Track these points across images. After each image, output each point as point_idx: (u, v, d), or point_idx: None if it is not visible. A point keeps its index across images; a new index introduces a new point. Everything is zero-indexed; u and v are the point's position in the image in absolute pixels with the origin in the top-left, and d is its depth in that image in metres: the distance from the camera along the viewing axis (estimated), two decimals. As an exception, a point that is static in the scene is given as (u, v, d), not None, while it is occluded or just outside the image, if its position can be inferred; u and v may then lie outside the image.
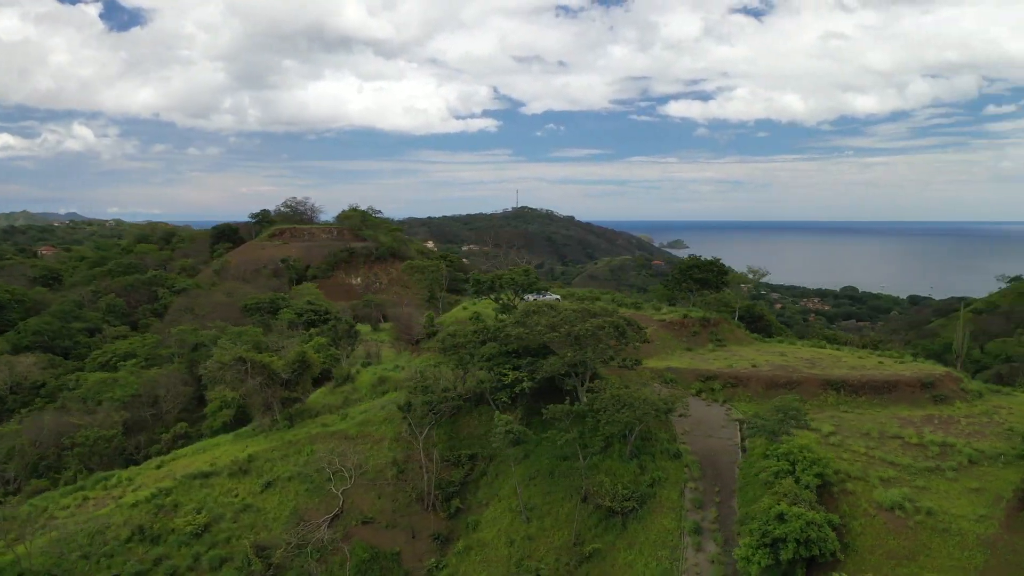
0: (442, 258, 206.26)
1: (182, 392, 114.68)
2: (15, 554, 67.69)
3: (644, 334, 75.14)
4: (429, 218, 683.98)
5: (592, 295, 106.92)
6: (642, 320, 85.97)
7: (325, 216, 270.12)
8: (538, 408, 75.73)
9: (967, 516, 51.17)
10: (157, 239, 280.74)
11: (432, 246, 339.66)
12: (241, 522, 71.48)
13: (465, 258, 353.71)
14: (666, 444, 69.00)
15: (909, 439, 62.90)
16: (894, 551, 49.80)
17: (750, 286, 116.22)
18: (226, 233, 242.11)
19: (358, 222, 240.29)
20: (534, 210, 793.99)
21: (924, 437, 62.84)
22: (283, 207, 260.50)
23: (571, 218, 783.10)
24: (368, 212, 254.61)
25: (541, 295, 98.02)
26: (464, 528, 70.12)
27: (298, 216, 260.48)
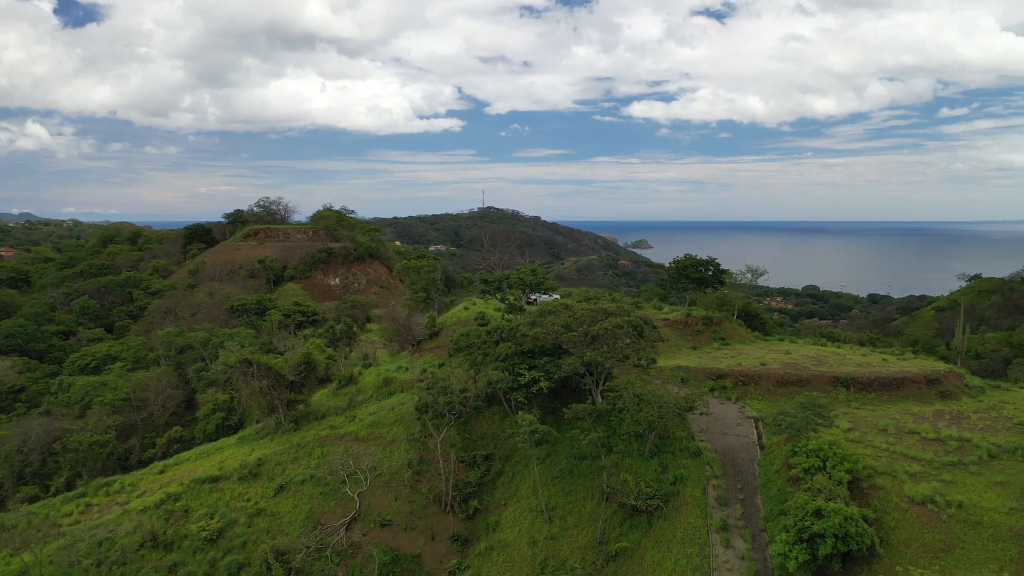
0: (434, 260, 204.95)
1: (172, 395, 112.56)
2: (23, 562, 65.90)
3: (659, 333, 75.54)
4: (395, 218, 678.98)
5: (596, 295, 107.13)
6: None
7: (299, 216, 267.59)
8: (553, 408, 75.98)
9: (998, 509, 52.34)
10: (123, 240, 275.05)
11: (400, 246, 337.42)
12: (256, 527, 70.30)
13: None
14: (685, 442, 69.49)
15: (926, 434, 64.13)
16: (930, 544, 50.77)
17: (749, 285, 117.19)
18: (199, 233, 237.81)
19: (333, 222, 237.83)
20: (500, 210, 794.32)
21: (940, 432, 64.11)
22: (256, 207, 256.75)
23: (537, 218, 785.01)
24: (342, 212, 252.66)
25: (546, 295, 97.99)
26: (483, 529, 69.80)
27: (271, 216, 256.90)
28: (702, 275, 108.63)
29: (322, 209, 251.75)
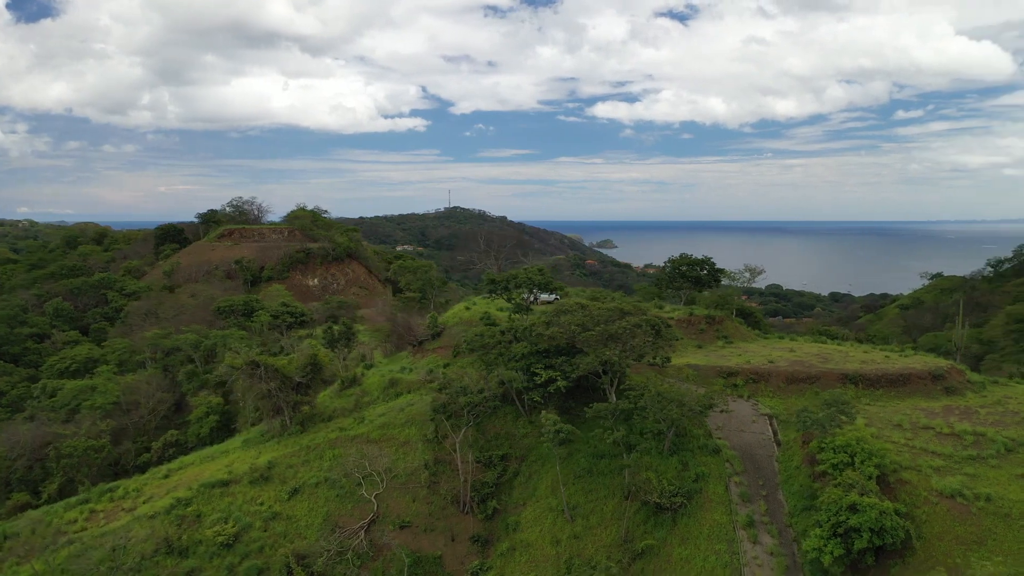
0: (411, 260, 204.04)
1: (162, 399, 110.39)
2: (33, 569, 64.24)
3: (674, 332, 76.11)
4: (361, 218, 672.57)
5: (602, 295, 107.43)
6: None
7: (272, 216, 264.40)
8: (567, 407, 76.02)
9: (1024, 501, 53.71)
10: (88, 240, 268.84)
11: (367, 246, 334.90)
12: (272, 531, 69.26)
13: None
14: (703, 440, 70.11)
15: (940, 429, 65.48)
16: (962, 537, 51.87)
17: (746, 283, 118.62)
18: (171, 234, 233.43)
19: (309, 222, 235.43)
20: (467, 210, 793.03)
21: (954, 427, 65.49)
22: (228, 207, 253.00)
23: (503, 218, 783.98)
24: (316, 212, 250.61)
25: (546, 295, 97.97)
26: (503, 529, 69.67)
27: (244, 216, 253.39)
28: (698, 274, 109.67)
29: (296, 209, 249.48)
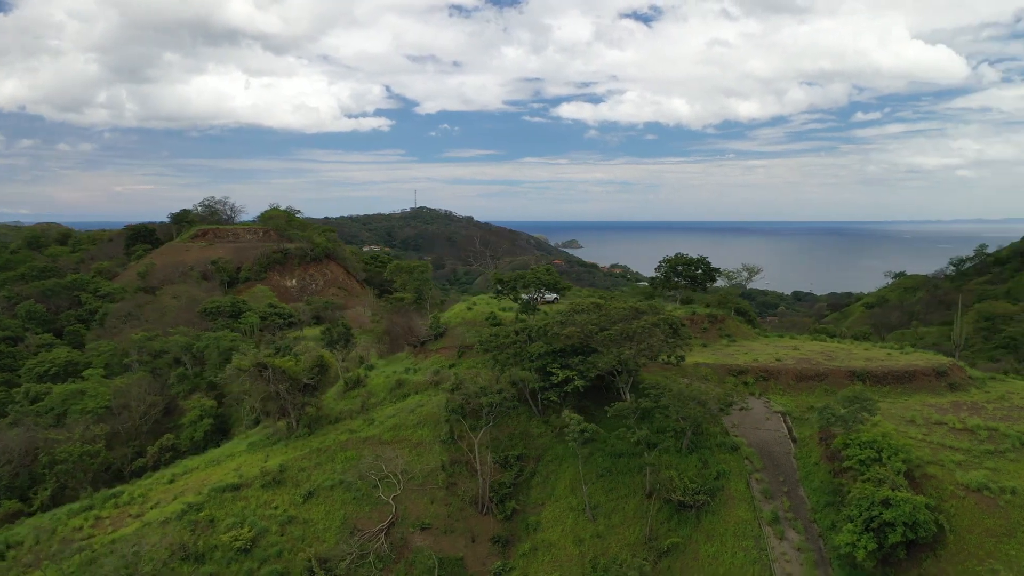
0: (388, 260, 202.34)
1: (154, 402, 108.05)
2: (45, 577, 62.54)
3: (689, 331, 76.65)
4: (327, 218, 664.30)
5: (606, 295, 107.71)
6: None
7: (245, 216, 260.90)
8: (583, 407, 76.07)
9: (1048, 494, 55.05)
10: (51, 241, 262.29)
11: (344, 247, 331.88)
12: (289, 535, 68.14)
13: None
14: (720, 438, 70.75)
15: (954, 425, 66.85)
16: (992, 529, 53.03)
17: (743, 282, 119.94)
18: (143, 234, 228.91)
19: (283, 222, 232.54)
20: (433, 210, 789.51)
21: (967, 423, 66.93)
22: (200, 207, 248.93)
23: (470, 218, 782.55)
24: (290, 212, 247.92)
25: (551, 296, 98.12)
26: (524, 529, 69.41)
27: (216, 216, 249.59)
28: (693, 274, 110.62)
29: (270, 209, 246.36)
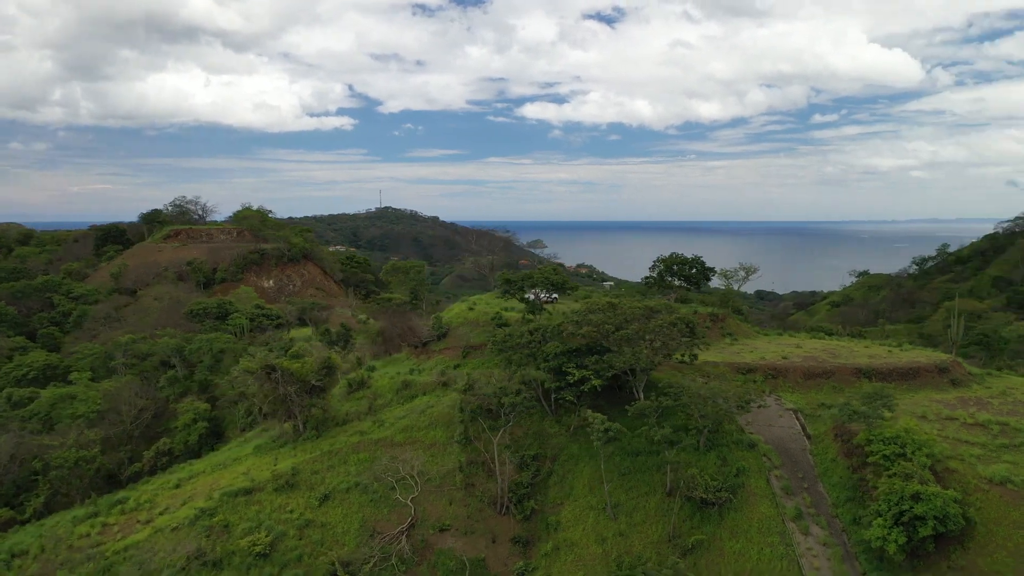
0: (364, 261, 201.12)
1: (144, 406, 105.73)
2: (61, 590, 60.88)
3: (703, 330, 77.26)
4: (290, 218, 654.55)
5: (613, 294, 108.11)
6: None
7: (217, 216, 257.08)
8: (597, 406, 76.11)
9: (1069, 486, 56.54)
10: (12, 242, 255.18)
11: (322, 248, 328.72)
12: (308, 539, 67.19)
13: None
14: (736, 435, 71.42)
15: (965, 420, 68.36)
16: (1018, 522, 54.21)
17: (737, 282, 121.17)
18: (112, 235, 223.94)
19: (258, 222, 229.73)
20: (398, 210, 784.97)
21: (977, 418, 68.50)
22: (170, 207, 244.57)
23: (435, 218, 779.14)
24: (263, 211, 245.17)
25: (547, 294, 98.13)
26: (544, 529, 69.25)
27: (187, 216, 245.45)
28: (688, 273, 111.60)
29: (243, 208, 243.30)
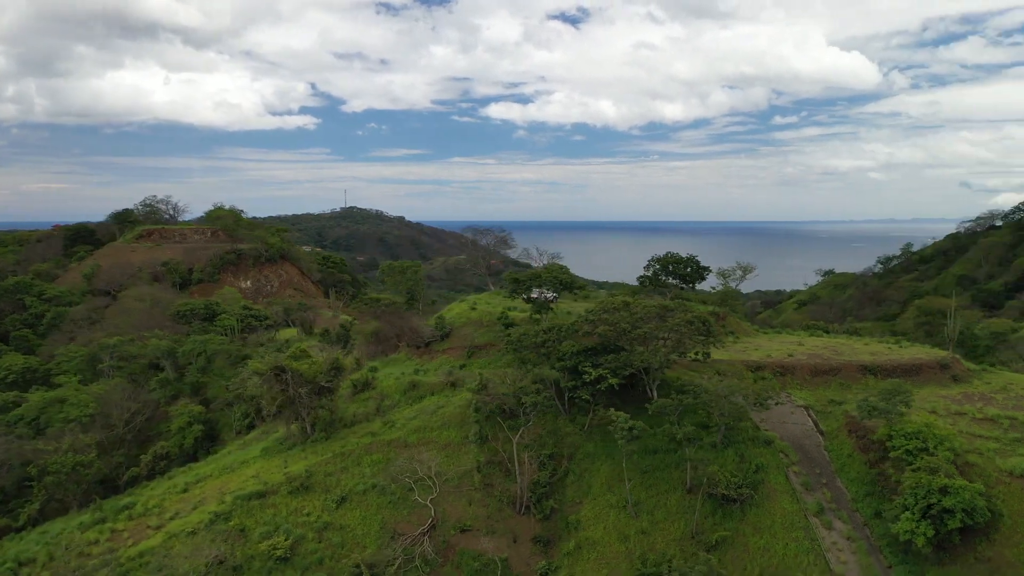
0: (341, 261, 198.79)
1: (137, 409, 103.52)
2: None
3: (717, 328, 77.93)
4: (254, 218, 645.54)
5: (618, 294, 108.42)
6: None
7: (188, 215, 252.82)
8: (614, 405, 76.29)
9: (1087, 478, 58.17)
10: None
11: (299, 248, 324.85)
12: (327, 541, 66.27)
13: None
14: (752, 432, 72.12)
15: (974, 415, 69.99)
16: (1042, 513, 55.73)
17: (734, 280, 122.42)
18: (82, 235, 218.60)
19: (231, 222, 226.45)
20: (364, 210, 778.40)
21: (986, 412, 70.19)
22: (141, 206, 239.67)
23: (401, 218, 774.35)
24: (235, 211, 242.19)
25: (545, 294, 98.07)
26: (565, 528, 69.20)
27: (157, 215, 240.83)
28: (683, 272, 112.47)
29: (216, 208, 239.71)
